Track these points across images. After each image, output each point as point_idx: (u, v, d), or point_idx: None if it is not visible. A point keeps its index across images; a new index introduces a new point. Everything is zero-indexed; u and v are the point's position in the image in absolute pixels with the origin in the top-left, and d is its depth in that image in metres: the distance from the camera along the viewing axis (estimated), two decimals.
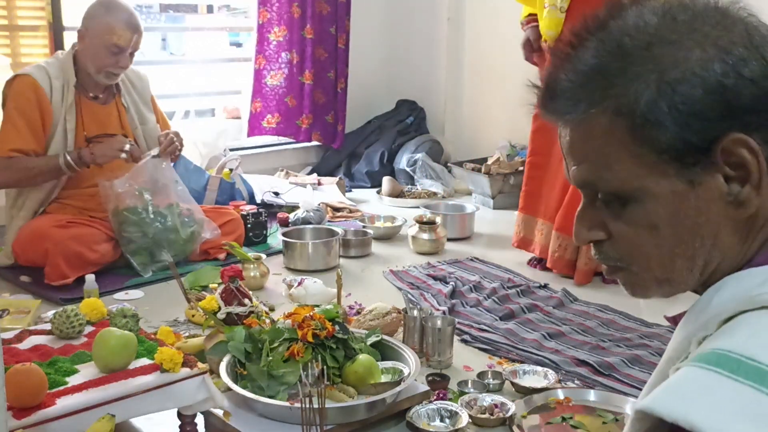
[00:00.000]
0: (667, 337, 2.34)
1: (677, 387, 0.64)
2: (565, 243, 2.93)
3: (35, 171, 2.78)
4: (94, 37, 2.82)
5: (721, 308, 0.71)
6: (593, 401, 1.91)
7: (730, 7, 0.76)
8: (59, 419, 1.42)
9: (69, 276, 2.68)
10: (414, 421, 1.76)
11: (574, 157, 0.79)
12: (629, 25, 0.75)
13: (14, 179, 2.80)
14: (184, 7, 7.08)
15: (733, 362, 0.63)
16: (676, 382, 0.65)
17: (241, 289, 2.13)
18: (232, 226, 3.14)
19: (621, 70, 0.74)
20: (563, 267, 2.95)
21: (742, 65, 0.71)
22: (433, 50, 5.04)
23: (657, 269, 0.78)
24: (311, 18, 4.57)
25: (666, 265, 0.77)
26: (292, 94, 4.61)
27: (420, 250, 3.29)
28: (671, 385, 0.65)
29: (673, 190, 0.74)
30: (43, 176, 2.81)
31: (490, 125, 4.84)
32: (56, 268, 2.68)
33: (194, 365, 1.61)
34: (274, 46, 4.53)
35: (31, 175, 2.79)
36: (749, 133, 0.71)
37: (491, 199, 4.15)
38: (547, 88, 0.80)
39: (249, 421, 1.71)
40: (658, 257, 0.77)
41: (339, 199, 4.07)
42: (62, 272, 2.68)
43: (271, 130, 4.60)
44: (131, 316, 1.80)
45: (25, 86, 2.79)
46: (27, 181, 2.82)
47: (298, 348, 1.81)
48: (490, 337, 2.34)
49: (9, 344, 1.69)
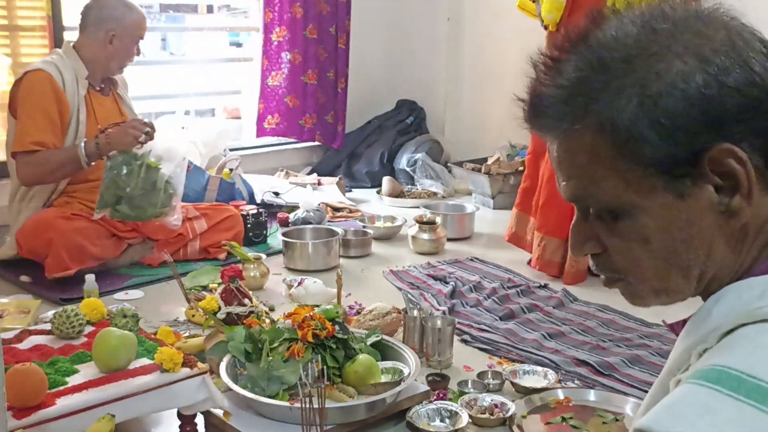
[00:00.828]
0: (668, 337, 2.35)
1: (677, 406, 0.63)
2: (544, 242, 2.93)
3: (56, 164, 2.78)
4: (127, 36, 2.91)
5: (720, 320, 0.71)
6: (593, 401, 1.91)
7: (712, 14, 0.74)
8: (59, 419, 1.42)
9: (71, 268, 2.69)
10: (414, 421, 1.76)
11: (563, 173, 0.79)
12: (609, 38, 0.74)
13: (38, 174, 2.80)
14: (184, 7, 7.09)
15: (734, 380, 0.62)
16: (676, 400, 0.64)
17: (241, 289, 2.13)
18: (231, 222, 3.14)
19: (603, 84, 0.73)
20: (544, 266, 2.95)
21: (725, 74, 0.70)
22: (433, 50, 5.04)
23: (653, 280, 0.78)
24: (313, 18, 4.56)
25: (662, 276, 0.77)
26: (292, 95, 4.61)
27: (420, 250, 3.29)
28: (671, 404, 0.64)
29: (662, 204, 0.73)
30: (64, 169, 2.81)
31: (490, 125, 4.84)
32: (58, 258, 2.69)
33: (194, 365, 1.61)
34: (275, 46, 4.53)
35: (53, 169, 2.79)
36: (736, 142, 0.70)
37: (491, 199, 4.15)
38: (531, 104, 0.79)
39: (249, 421, 1.71)
40: (653, 269, 0.77)
41: (339, 199, 4.07)
42: (64, 264, 2.69)
43: (271, 130, 4.61)
44: (131, 316, 1.80)
45: (40, 80, 2.79)
46: (49, 175, 2.81)
47: (298, 348, 1.81)
48: (490, 337, 2.34)
49: (9, 344, 1.69)
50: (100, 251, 2.82)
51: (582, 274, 2.92)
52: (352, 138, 4.84)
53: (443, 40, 5.00)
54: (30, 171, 2.77)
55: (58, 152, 2.79)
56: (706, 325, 0.73)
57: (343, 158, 4.77)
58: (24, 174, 2.78)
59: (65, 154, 2.79)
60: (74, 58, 2.90)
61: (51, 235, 2.70)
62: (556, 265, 2.93)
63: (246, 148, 4.60)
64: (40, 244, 2.73)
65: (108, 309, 1.87)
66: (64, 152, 2.80)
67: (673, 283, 0.77)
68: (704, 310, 0.75)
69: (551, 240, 2.92)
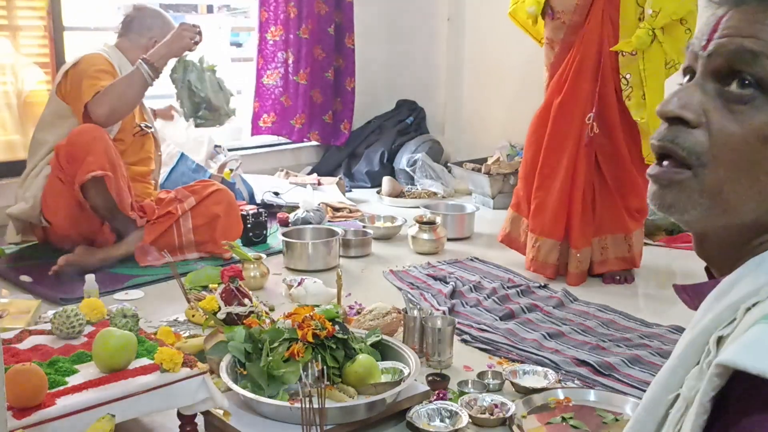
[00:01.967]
0: (667, 337, 2.34)
1: (759, 342, 0.62)
2: (538, 244, 2.93)
3: (125, 88, 2.92)
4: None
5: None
6: (593, 401, 1.91)
7: None
8: (59, 419, 1.42)
9: (107, 169, 2.80)
10: (414, 421, 1.76)
11: (740, 30, 0.73)
12: None
13: (112, 105, 2.90)
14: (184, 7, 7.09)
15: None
16: (756, 338, 0.62)
17: (241, 289, 2.13)
18: (219, 196, 3.13)
19: None
20: (538, 267, 2.94)
21: None
22: (433, 50, 5.05)
23: (729, 185, 0.72)
24: (307, 18, 4.57)
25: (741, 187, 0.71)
26: (287, 94, 4.61)
27: (420, 250, 3.29)
28: (752, 341, 0.62)
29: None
30: (133, 90, 2.94)
31: (490, 125, 4.84)
32: (99, 157, 2.79)
33: (194, 365, 1.61)
34: (271, 45, 4.54)
35: (122, 93, 2.91)
36: None
37: (491, 199, 4.15)
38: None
39: (249, 421, 1.71)
40: (745, 173, 0.71)
41: (339, 199, 4.08)
42: (102, 163, 2.79)
43: (267, 129, 4.62)
44: (131, 316, 1.80)
45: (99, 58, 3.01)
46: (122, 101, 2.92)
47: (298, 348, 1.81)
48: (490, 337, 2.34)
49: (9, 344, 1.69)
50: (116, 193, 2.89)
51: (584, 275, 2.92)
52: (352, 138, 4.85)
53: (443, 40, 5.01)
54: (105, 106, 2.88)
55: (122, 79, 2.95)
56: (757, 280, 0.70)
57: (343, 158, 4.78)
58: (100, 111, 2.89)
59: (129, 77, 2.94)
60: (119, 56, 3.09)
61: (96, 133, 2.81)
62: (551, 266, 2.92)
63: (246, 148, 4.61)
64: (84, 142, 2.80)
65: (108, 309, 1.87)
66: (127, 77, 2.95)
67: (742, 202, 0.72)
68: (749, 266, 0.72)
69: (545, 241, 2.92)
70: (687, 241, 3.48)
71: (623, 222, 2.92)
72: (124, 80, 2.93)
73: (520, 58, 4.51)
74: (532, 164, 2.98)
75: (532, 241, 2.96)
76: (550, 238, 2.90)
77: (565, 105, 2.85)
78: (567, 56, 2.88)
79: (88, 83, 2.90)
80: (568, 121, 2.85)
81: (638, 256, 2.98)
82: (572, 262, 2.90)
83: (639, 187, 2.92)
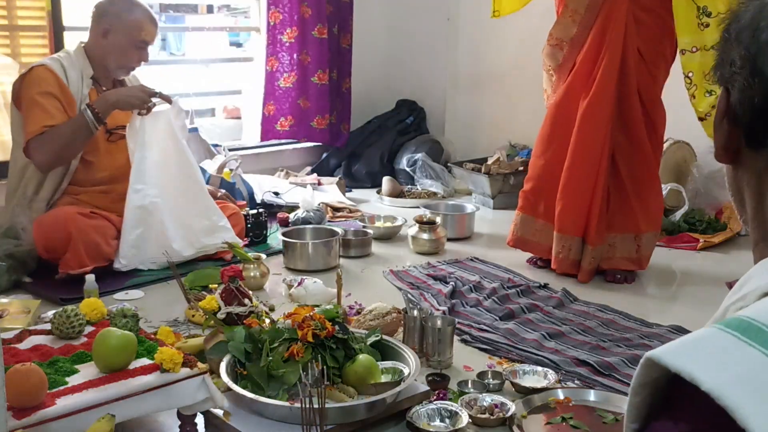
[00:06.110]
0: (668, 337, 2.34)
1: (691, 342, 0.63)
2: (569, 243, 2.93)
3: (68, 135, 2.75)
4: (121, 34, 2.89)
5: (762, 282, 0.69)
6: (593, 401, 1.91)
7: None
8: (59, 419, 1.42)
9: (88, 265, 2.71)
10: (414, 421, 1.76)
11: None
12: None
13: (53, 152, 2.76)
14: (184, 7, 7.10)
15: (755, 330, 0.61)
16: (692, 338, 0.64)
17: (241, 289, 2.13)
18: (234, 220, 3.11)
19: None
20: (568, 267, 2.95)
21: None
22: (433, 50, 5.04)
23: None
24: (320, 18, 4.54)
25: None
26: (304, 96, 4.58)
27: (420, 250, 3.29)
28: (686, 340, 0.64)
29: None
30: (76, 138, 2.77)
31: (490, 125, 4.84)
32: (77, 255, 2.71)
33: (194, 365, 1.61)
34: (287, 47, 4.49)
35: (66, 142, 2.76)
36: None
37: (491, 199, 4.15)
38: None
39: (249, 421, 1.71)
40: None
41: (339, 199, 4.07)
42: (82, 260, 2.71)
43: (284, 132, 4.58)
44: (131, 316, 1.80)
45: (44, 73, 2.80)
46: (65, 149, 2.78)
47: (298, 348, 1.81)
48: (490, 337, 2.34)
49: (9, 344, 1.69)
50: (111, 251, 2.84)
51: (593, 272, 2.94)
52: (352, 138, 4.85)
53: (443, 40, 5.00)
54: (45, 152, 2.75)
55: (65, 125, 2.77)
56: (748, 286, 0.71)
57: (343, 158, 4.77)
58: (41, 158, 2.76)
59: (72, 124, 2.77)
60: (82, 57, 2.92)
61: (72, 229, 2.70)
62: (577, 264, 2.94)
63: (246, 148, 4.60)
64: (60, 239, 2.72)
65: (108, 309, 1.88)
66: (70, 123, 2.78)
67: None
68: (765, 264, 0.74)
69: (575, 241, 2.92)
70: (687, 241, 3.48)
71: (635, 221, 2.92)
72: (67, 128, 2.75)
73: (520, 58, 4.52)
74: (551, 165, 2.96)
75: (561, 242, 2.94)
76: (575, 235, 2.92)
77: (594, 106, 2.84)
78: (578, 55, 2.88)
79: (33, 116, 2.74)
80: (597, 122, 2.85)
81: (646, 259, 2.96)
82: (586, 259, 2.90)
83: (657, 187, 2.93)
